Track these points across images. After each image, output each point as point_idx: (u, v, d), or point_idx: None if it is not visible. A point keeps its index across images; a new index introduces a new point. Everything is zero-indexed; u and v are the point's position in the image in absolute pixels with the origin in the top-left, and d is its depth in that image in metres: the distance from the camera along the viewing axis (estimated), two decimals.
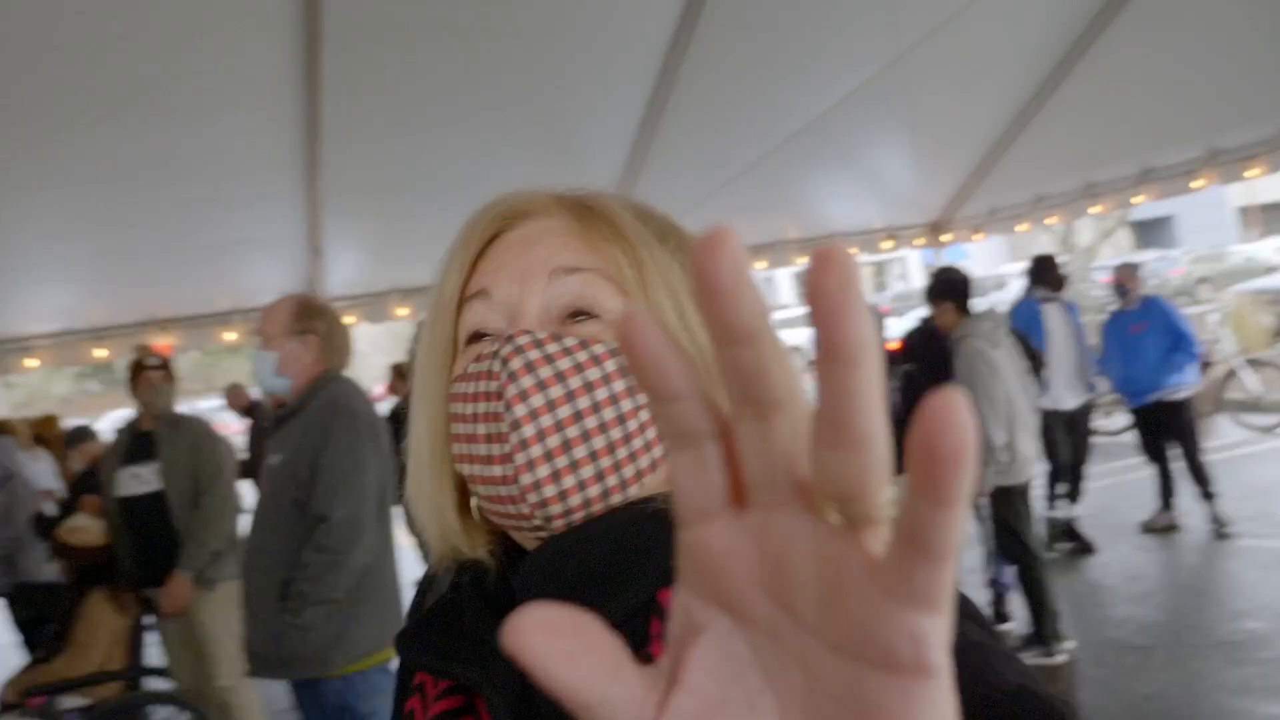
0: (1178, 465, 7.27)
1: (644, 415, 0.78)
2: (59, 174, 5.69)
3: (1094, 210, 8.68)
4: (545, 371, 0.76)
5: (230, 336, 7.95)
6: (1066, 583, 6.42)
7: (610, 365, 0.77)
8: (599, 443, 0.76)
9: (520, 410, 0.74)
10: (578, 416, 0.75)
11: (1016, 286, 28.01)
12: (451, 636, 0.80)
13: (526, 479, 0.74)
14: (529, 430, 0.74)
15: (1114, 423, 11.31)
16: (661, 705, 0.36)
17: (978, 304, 5.61)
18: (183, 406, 5.09)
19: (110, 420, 23.67)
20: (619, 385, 0.77)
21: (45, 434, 7.45)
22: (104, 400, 32.01)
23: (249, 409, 8.35)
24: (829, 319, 0.31)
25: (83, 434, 6.44)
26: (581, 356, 0.77)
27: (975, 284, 5.72)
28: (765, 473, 0.34)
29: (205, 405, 22.24)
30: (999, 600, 5.89)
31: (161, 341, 7.37)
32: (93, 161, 5.62)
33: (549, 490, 0.75)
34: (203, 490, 4.80)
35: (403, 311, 7.92)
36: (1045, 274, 7.29)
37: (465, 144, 6.15)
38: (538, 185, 0.91)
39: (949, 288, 5.63)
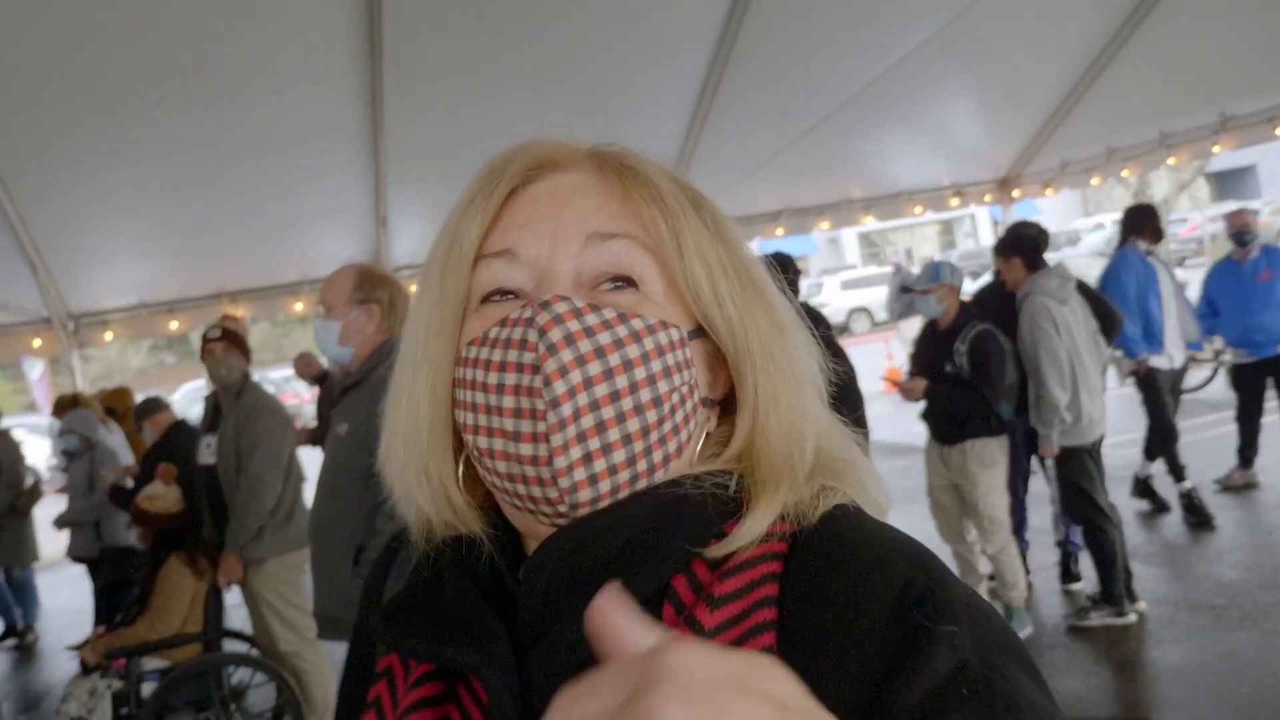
0: (1268, 420, 7.07)
1: (676, 398, 0.74)
2: (130, 152, 5.80)
3: (1171, 161, 8.41)
4: (585, 345, 0.70)
5: (299, 307, 8.08)
6: (1140, 542, 6.31)
7: (649, 343, 0.73)
8: (633, 425, 0.71)
9: (560, 387, 0.69)
10: (614, 396, 0.70)
11: (1091, 241, 27.40)
12: (438, 619, 0.75)
13: (561, 461, 0.69)
14: (567, 409, 0.69)
15: (1193, 379, 11.06)
16: None
17: (1047, 260, 5.47)
18: (254, 377, 5.11)
19: (185, 392, 24.29)
20: (656, 365, 0.73)
21: (117, 407, 7.60)
22: (179, 371, 32.84)
23: (319, 378, 8.47)
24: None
25: (154, 405, 6.59)
26: (621, 331, 0.72)
27: (1049, 239, 5.58)
28: None
29: (276, 375, 22.73)
30: (1069, 560, 5.81)
31: (232, 314, 7.51)
32: (162, 139, 5.72)
33: (580, 474, 0.70)
34: (241, 467, 4.79)
35: None
36: (1145, 225, 6.69)
37: (525, 112, 6.13)
38: (566, 137, 0.85)
39: (1018, 243, 5.50)
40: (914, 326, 11.54)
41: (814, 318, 4.19)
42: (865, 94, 7.00)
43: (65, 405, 7.10)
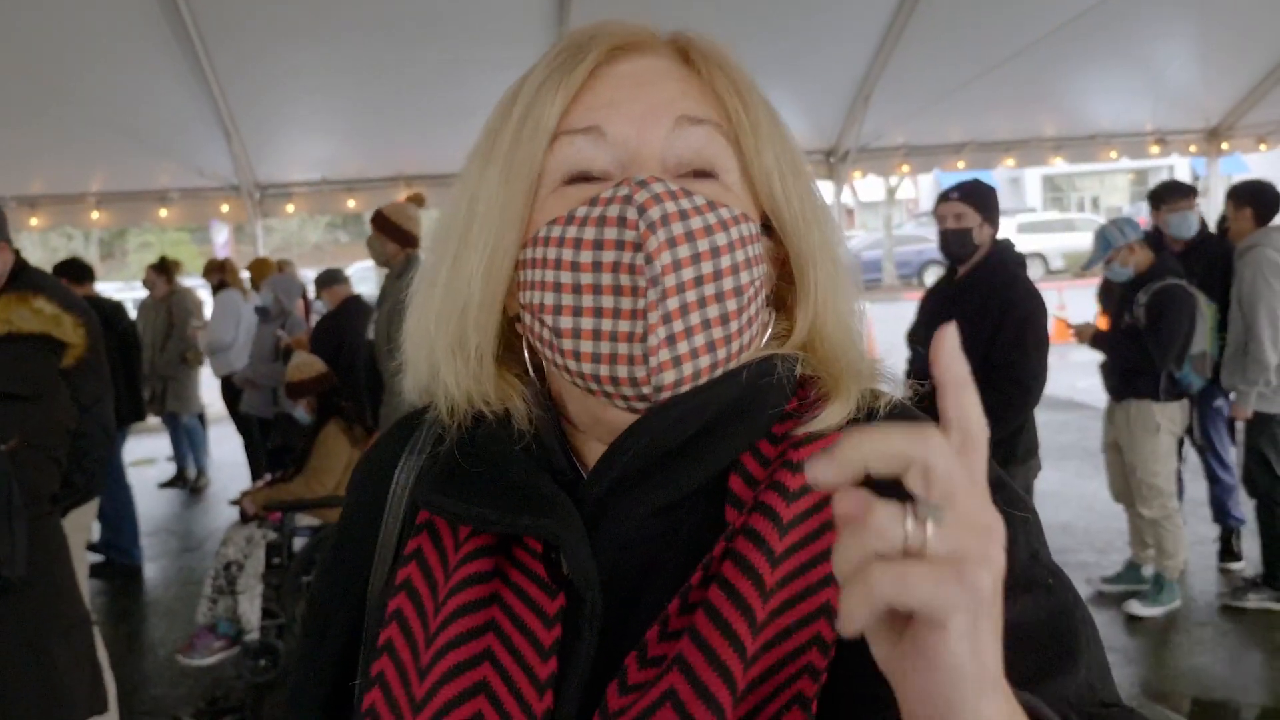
0: None
1: (752, 291, 0.74)
2: (324, 25, 5.93)
3: None
4: (678, 228, 0.69)
5: None
6: None
7: (734, 233, 0.72)
8: (713, 312, 0.71)
9: (664, 260, 0.68)
10: (699, 281, 0.70)
11: None
12: (499, 491, 0.75)
13: (654, 339, 0.68)
14: (670, 281, 0.68)
15: None
16: None
17: None
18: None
19: (355, 270, 25.16)
20: (740, 255, 0.72)
21: (258, 278, 7.72)
22: (351, 250, 34.01)
23: None
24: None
25: (334, 277, 6.83)
26: (711, 218, 0.71)
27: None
28: None
29: None
30: (1230, 537, 5.52)
31: (416, 195, 7.68)
32: (355, 13, 5.83)
33: (664, 355, 0.69)
34: (392, 348, 4.89)
35: None
36: None
37: (714, 18, 6.00)
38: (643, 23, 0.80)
39: (1255, 194, 5.17)
40: None
41: (1009, 254, 4.08)
42: (1072, 25, 6.57)
43: (267, 269, 7.41)
